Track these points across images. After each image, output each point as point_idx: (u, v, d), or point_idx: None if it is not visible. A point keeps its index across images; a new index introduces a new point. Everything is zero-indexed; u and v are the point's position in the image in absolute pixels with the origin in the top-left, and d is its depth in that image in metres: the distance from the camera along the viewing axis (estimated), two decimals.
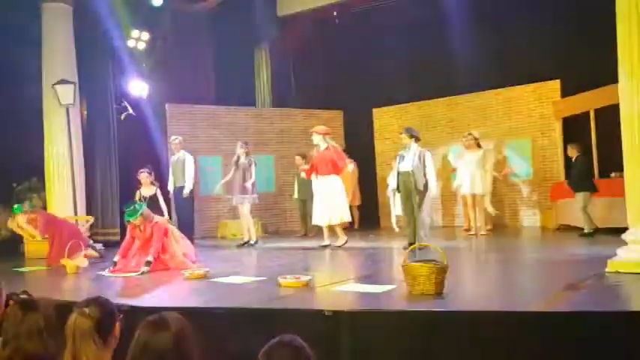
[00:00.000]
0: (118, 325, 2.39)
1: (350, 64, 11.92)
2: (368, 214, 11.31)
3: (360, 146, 11.49)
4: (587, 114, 9.03)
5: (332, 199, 7.91)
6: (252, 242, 8.73)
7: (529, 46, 9.98)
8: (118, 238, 9.28)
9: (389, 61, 11.36)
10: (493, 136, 10.49)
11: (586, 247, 7.04)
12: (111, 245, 9.03)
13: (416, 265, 4.26)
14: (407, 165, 7.29)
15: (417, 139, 7.44)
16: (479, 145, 9.19)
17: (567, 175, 9.01)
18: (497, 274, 5.87)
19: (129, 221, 6.49)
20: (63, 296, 5.16)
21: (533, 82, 10.23)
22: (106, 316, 2.34)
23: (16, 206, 8.20)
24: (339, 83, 11.90)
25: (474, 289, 4.95)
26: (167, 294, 5.42)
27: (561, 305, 3.93)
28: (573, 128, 9.65)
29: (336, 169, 7.99)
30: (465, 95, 11.06)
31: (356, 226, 10.71)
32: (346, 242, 7.93)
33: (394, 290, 4.46)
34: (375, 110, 12.16)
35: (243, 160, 8.75)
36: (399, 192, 7.55)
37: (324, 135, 8.16)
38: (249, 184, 8.66)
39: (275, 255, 7.87)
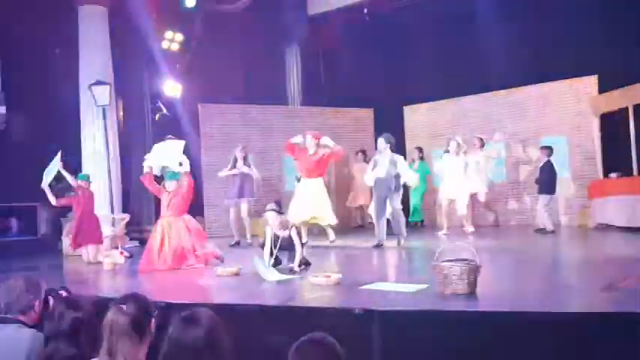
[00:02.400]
0: (153, 321, 2.43)
1: (380, 62, 11.86)
2: None
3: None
4: (625, 110, 8.80)
5: (320, 200, 8.11)
6: (248, 241, 8.79)
7: (565, 40, 9.76)
8: None
9: (420, 58, 11.26)
10: (528, 133, 10.32)
11: (625, 246, 6.87)
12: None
13: (447, 265, 4.21)
14: (381, 171, 7.66)
15: (392, 148, 7.86)
16: (464, 152, 9.34)
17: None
18: (532, 273, 5.76)
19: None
20: (100, 292, 5.29)
21: (570, 77, 10.02)
22: (142, 313, 2.37)
23: (82, 174, 8.28)
24: (369, 81, 11.84)
25: (507, 289, 4.86)
26: (199, 290, 5.49)
27: (600, 306, 3.84)
28: (611, 125, 9.41)
29: (322, 173, 8.37)
30: (498, 92, 10.88)
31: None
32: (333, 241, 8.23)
33: (425, 290, 4.42)
34: (405, 108, 12.07)
35: (240, 162, 8.95)
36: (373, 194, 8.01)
37: (318, 140, 8.25)
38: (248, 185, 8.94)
39: (307, 253, 7.87)
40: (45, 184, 7.74)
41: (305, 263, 5.99)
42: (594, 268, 5.69)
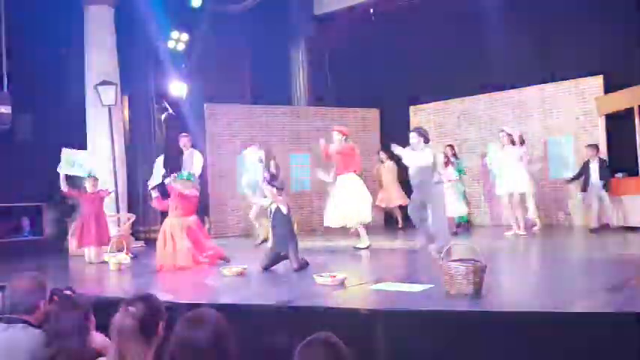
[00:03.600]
0: (161, 324, 2.39)
1: (386, 62, 11.84)
2: (404, 213, 11.22)
3: (396, 144, 11.34)
4: (631, 110, 8.76)
5: (350, 200, 7.77)
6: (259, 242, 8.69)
7: (571, 41, 9.71)
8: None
9: (426, 58, 11.23)
10: (534, 133, 10.28)
11: (631, 246, 6.84)
12: (152, 243, 9.21)
13: (454, 264, 4.20)
14: (415, 167, 7.05)
15: (427, 140, 7.15)
16: (513, 142, 8.93)
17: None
18: (537, 274, 5.75)
19: None
20: (105, 292, 5.31)
21: (575, 78, 9.98)
22: (151, 315, 2.35)
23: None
24: (375, 81, 11.84)
25: (513, 289, 4.85)
26: (204, 290, 5.50)
27: (605, 306, 3.82)
28: (617, 125, 9.37)
29: (355, 167, 7.98)
30: (504, 92, 10.86)
31: (400, 225, 10.63)
32: (369, 247, 7.68)
33: (431, 290, 4.41)
34: (411, 108, 12.06)
35: (262, 160, 8.90)
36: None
37: (345, 135, 8.03)
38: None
39: (311, 253, 7.88)
40: (63, 172, 8.00)
41: (304, 264, 6.00)
42: (600, 268, 5.67)
